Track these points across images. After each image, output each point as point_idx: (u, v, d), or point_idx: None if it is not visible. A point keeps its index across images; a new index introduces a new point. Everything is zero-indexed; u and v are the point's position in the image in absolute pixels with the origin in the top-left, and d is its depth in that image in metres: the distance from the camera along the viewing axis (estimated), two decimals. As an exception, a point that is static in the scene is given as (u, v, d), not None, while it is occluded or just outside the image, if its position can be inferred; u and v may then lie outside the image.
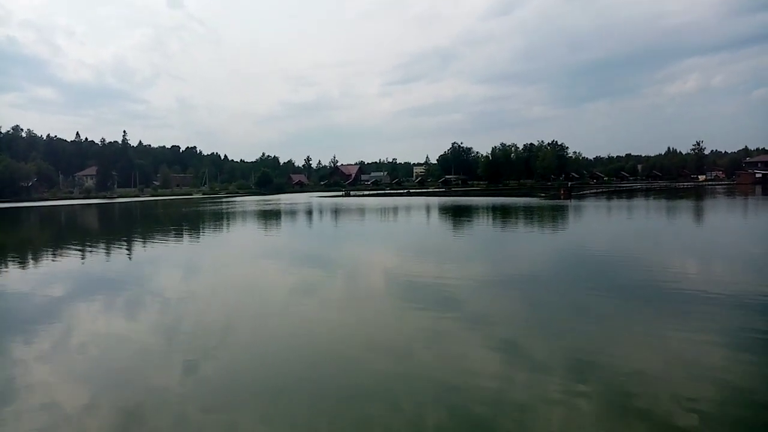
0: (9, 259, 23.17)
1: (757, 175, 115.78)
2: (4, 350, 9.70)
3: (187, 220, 46.50)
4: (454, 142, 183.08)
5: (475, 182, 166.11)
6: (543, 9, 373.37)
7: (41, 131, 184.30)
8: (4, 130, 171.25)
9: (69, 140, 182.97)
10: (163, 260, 21.40)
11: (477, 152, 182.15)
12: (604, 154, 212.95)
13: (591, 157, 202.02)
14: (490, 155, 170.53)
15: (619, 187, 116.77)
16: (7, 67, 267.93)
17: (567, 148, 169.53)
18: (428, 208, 54.93)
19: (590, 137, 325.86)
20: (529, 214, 42.34)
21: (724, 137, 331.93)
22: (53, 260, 22.19)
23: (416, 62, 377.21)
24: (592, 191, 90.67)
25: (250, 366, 8.57)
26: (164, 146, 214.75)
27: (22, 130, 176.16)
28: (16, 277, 17.87)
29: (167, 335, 10.44)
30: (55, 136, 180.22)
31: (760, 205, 48.15)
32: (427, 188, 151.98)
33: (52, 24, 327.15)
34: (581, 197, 68.93)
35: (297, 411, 6.84)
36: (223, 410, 6.90)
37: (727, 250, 20.19)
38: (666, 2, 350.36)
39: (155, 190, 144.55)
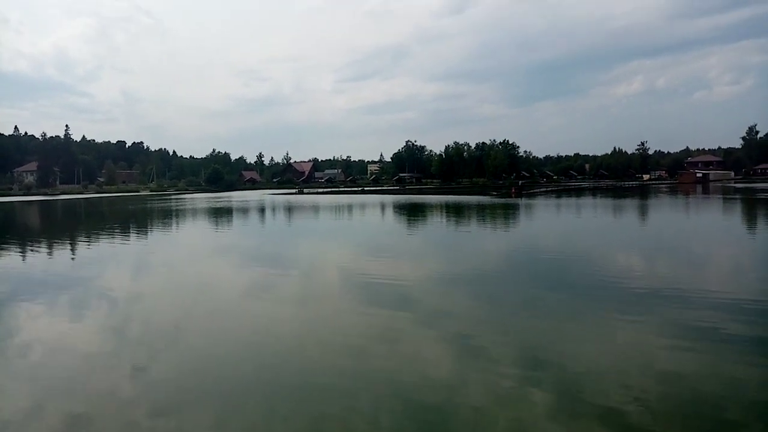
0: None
1: (698, 175, 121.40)
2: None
3: (134, 218, 45.11)
4: (408, 140, 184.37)
5: (428, 180, 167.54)
6: (495, 8, 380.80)
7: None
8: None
9: (7, 134, 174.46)
10: (108, 260, 20.68)
11: (431, 150, 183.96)
12: (553, 154, 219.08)
13: (541, 156, 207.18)
14: (443, 154, 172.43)
15: (568, 186, 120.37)
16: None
17: (518, 147, 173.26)
18: (382, 206, 55.07)
19: (541, 137, 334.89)
20: (481, 212, 43.06)
21: (667, 138, 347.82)
22: (-10, 260, 21.11)
23: (369, 59, 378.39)
24: (542, 190, 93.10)
25: (200, 367, 8.36)
26: (109, 141, 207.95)
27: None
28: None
29: (113, 338, 10.09)
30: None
31: (700, 204, 50.51)
32: (382, 186, 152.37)
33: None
34: (532, 196, 70.58)
35: (251, 412, 6.71)
36: (173, 413, 6.70)
37: (670, 247, 21.04)
38: (613, 5, 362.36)
39: (100, 187, 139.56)
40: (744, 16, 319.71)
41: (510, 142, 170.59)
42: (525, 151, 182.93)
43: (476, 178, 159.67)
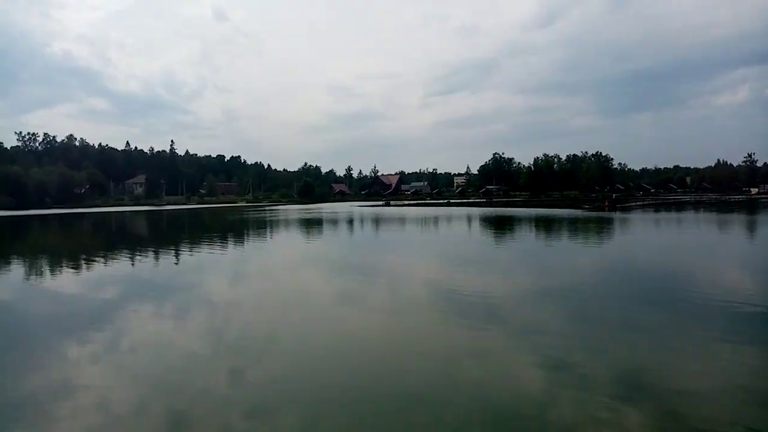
0: (64, 263, 24.12)
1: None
2: (60, 351, 10.08)
3: (232, 228, 47.48)
4: (496, 153, 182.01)
5: (516, 193, 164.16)
6: (586, 20, 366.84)
7: (94, 140, 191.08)
8: (59, 140, 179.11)
9: (120, 149, 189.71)
10: (209, 266, 21.89)
11: (519, 163, 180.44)
12: (650, 166, 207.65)
13: (637, 168, 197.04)
14: (532, 166, 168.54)
15: (667, 199, 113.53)
16: (63, 79, 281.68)
17: (612, 159, 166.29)
18: (469, 219, 54.54)
19: (636, 148, 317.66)
20: (573, 225, 41.56)
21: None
22: (105, 265, 22.96)
23: (457, 73, 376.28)
24: (638, 203, 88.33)
25: (293, 373, 8.65)
26: (210, 156, 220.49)
27: (75, 139, 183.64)
28: (70, 281, 18.59)
29: (213, 340, 10.66)
30: (107, 145, 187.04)
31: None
32: (468, 198, 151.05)
33: (104, 37, 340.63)
34: (627, 209, 67.23)
35: (340, 418, 6.86)
36: (266, 416, 6.99)
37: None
38: (714, 12, 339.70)
39: (201, 198, 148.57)
40: None
41: (603, 154, 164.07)
42: (619, 163, 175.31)
43: (567, 191, 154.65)
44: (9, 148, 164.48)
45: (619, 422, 6.55)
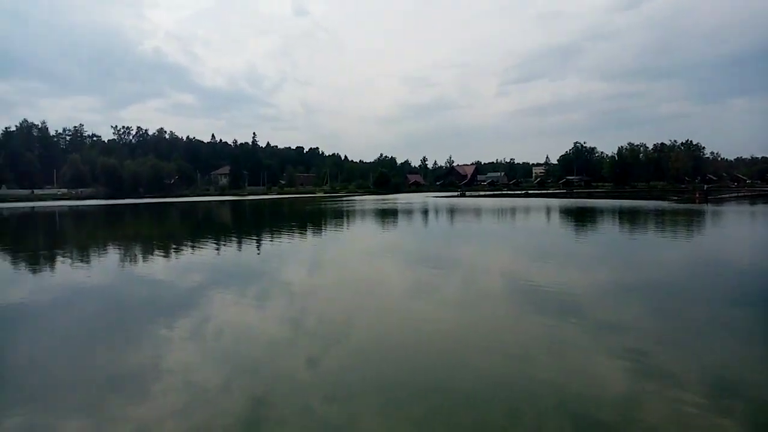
0: (156, 249, 25.67)
1: None
2: (152, 334, 10.77)
3: (310, 217, 48.72)
4: (577, 142, 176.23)
5: (599, 184, 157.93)
6: (674, 1, 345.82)
7: (182, 133, 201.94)
8: (150, 133, 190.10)
9: (205, 141, 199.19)
10: (289, 255, 22.60)
11: (601, 152, 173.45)
12: (746, 155, 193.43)
13: (731, 157, 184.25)
14: (615, 155, 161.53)
15: (764, 190, 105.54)
16: (153, 75, 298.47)
17: (703, 148, 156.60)
18: (548, 210, 53.06)
19: (730, 136, 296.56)
20: (660, 218, 39.49)
21: None
22: (192, 251, 24.23)
23: (536, 60, 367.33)
24: (732, 195, 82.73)
25: (369, 361, 8.82)
26: (290, 147, 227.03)
27: (165, 132, 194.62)
28: (161, 267, 19.77)
29: (292, 326, 11.04)
30: (194, 137, 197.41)
31: None
32: (547, 189, 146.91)
33: (191, 35, 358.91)
34: (719, 201, 63.16)
35: (414, 408, 6.95)
36: (344, 401, 7.18)
37: None
38: None
39: (281, 189, 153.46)
40: None
41: (694, 143, 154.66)
42: (711, 152, 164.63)
43: (653, 182, 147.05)
44: (106, 141, 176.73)
45: (710, 426, 6.24)
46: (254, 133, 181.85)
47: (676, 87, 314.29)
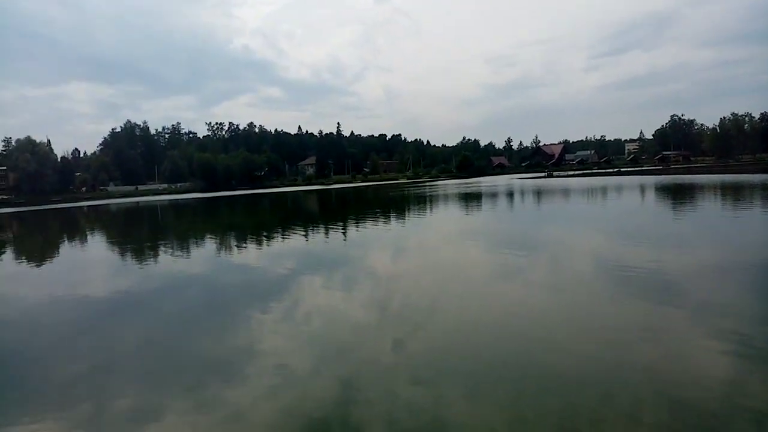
0: (248, 237, 26.87)
1: None
2: (247, 319, 11.31)
3: (394, 204, 49.09)
4: (674, 115, 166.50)
5: (699, 158, 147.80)
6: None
7: (270, 126, 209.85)
8: (241, 127, 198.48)
9: (292, 133, 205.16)
10: (373, 241, 22.91)
11: (701, 125, 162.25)
12: None
13: None
14: (717, 127, 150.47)
15: None
16: (242, 72, 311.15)
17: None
18: (642, 189, 50.21)
19: None
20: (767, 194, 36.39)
21: None
22: (283, 239, 25.16)
23: (627, 31, 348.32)
24: None
25: (454, 344, 8.80)
26: (372, 135, 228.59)
27: (255, 126, 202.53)
28: (254, 255, 20.68)
29: (378, 312, 11.20)
30: (281, 130, 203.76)
31: None
32: (641, 166, 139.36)
33: (276, 30, 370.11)
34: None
35: (501, 392, 6.87)
36: (429, 384, 7.21)
37: None
38: None
39: (365, 176, 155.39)
40: None
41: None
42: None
43: (761, 154, 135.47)
44: (201, 137, 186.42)
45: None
46: (338, 123, 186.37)
47: None
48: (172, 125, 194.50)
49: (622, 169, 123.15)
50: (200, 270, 17.69)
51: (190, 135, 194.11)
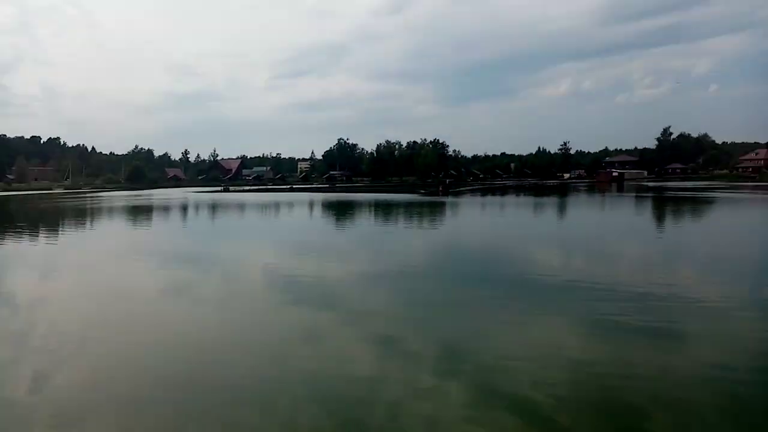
0: None
1: (614, 174, 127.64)
2: None
3: (43, 218, 42.42)
4: (340, 138, 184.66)
5: (359, 179, 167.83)
6: (433, 8, 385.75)
7: None
8: None
9: None
10: (12, 261, 19.31)
11: (362, 149, 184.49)
12: (481, 153, 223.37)
13: (470, 155, 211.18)
14: (374, 152, 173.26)
15: (493, 184, 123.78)
16: None
17: (447, 146, 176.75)
18: (311, 204, 54.57)
19: (471, 136, 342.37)
20: (408, 210, 43.55)
21: (589, 138, 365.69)
22: None
23: (306, 56, 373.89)
24: (468, 188, 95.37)
25: (111, 371, 7.95)
26: (22, 137, 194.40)
27: None
28: None
29: (16, 343, 9.41)
30: None
31: (615, 201, 53.87)
32: (312, 184, 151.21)
33: None
34: (458, 194, 72.10)
35: (162, 416, 6.45)
36: (78, 423, 6.34)
37: (589, 243, 22.12)
38: (547, 7, 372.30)
39: (9, 185, 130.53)
40: (665, 23, 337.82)
41: (440, 141, 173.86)
42: (454, 150, 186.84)
43: (406, 177, 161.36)
44: None
45: (441, 393, 6.99)
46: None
47: (429, 90, 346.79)
48: None
49: (294, 186, 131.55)
50: None
51: None
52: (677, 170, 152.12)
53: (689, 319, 10.21)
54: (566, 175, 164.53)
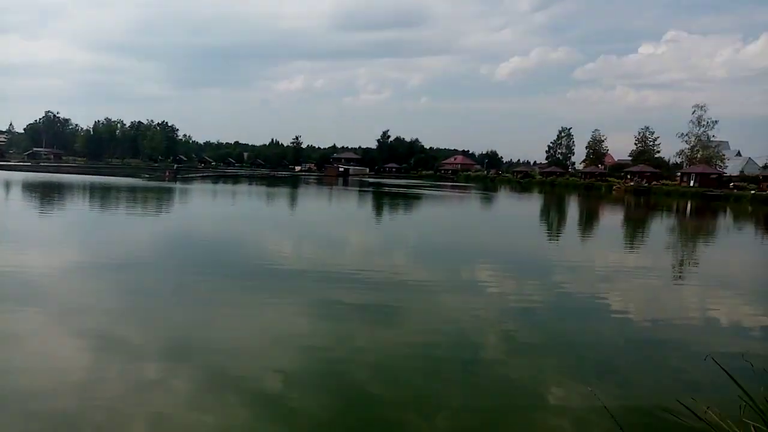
0: None
1: (340, 169, 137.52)
2: None
3: None
4: (49, 111, 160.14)
5: (71, 158, 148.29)
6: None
7: None
8: None
9: None
10: None
11: (77, 125, 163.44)
12: (214, 140, 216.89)
13: (201, 141, 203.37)
14: (91, 130, 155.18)
15: (225, 172, 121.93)
16: None
17: (177, 130, 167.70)
18: (6, 186, 46.04)
19: (204, 123, 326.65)
20: (131, 195, 40.24)
21: (319, 134, 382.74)
22: None
23: (11, 12, 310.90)
24: (199, 175, 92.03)
25: None
26: None
27: None
28: None
29: None
30: None
31: (341, 193, 58.14)
32: (8, 161, 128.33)
33: None
34: (188, 180, 69.16)
35: None
36: None
37: (316, 231, 23.51)
38: (282, 5, 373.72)
39: None
40: (388, 37, 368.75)
41: (169, 124, 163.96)
42: (185, 135, 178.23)
43: (129, 159, 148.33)
44: None
45: (166, 389, 6.70)
46: None
47: (159, 69, 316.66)
48: None
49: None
50: None
51: None
52: (393, 169, 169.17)
53: (402, 297, 11.63)
54: (297, 168, 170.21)
